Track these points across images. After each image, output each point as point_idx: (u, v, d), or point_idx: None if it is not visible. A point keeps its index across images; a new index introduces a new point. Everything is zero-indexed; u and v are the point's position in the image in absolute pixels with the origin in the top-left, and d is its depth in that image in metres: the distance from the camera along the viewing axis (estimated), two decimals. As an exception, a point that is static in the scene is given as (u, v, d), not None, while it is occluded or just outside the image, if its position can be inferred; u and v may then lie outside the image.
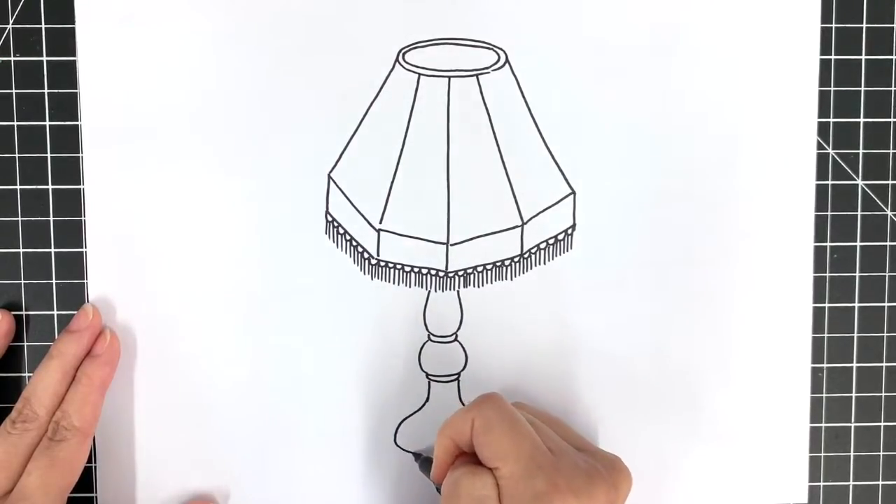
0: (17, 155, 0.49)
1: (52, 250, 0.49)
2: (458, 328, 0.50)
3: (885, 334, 0.51)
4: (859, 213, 0.50)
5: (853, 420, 0.51)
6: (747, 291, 0.50)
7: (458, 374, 0.50)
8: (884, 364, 0.51)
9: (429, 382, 0.50)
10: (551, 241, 0.49)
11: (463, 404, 0.50)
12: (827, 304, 0.51)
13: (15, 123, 0.49)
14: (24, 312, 0.49)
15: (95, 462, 0.49)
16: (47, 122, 0.49)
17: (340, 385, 0.50)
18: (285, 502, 0.50)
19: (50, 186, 0.49)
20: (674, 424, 0.50)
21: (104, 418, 0.48)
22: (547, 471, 0.40)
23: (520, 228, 0.48)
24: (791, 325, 0.50)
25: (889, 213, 0.51)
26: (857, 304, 0.51)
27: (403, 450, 0.50)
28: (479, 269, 0.49)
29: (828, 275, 0.51)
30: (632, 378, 0.50)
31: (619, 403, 0.50)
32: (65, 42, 0.49)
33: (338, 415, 0.50)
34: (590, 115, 0.49)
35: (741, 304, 0.50)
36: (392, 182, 0.48)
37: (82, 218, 0.49)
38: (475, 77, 0.48)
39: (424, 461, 0.48)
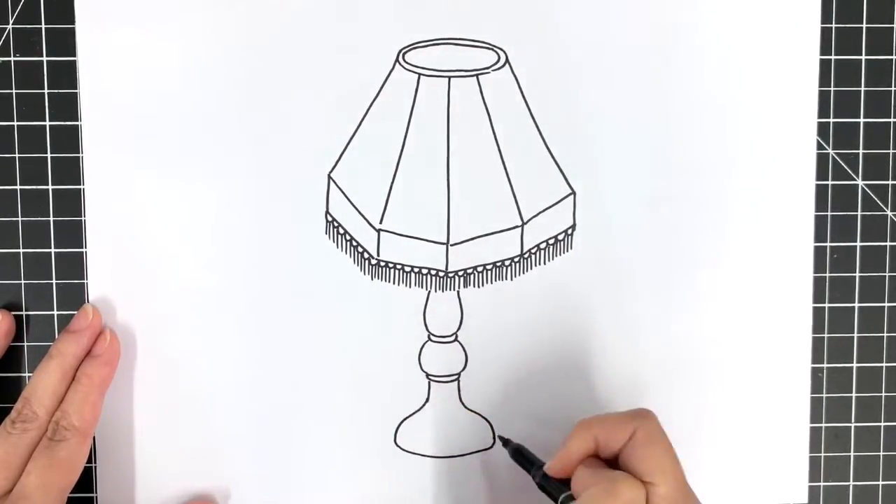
0: (17, 155, 0.49)
1: (52, 250, 0.49)
2: (458, 328, 0.50)
3: (885, 334, 0.51)
4: (859, 213, 0.50)
5: (853, 420, 0.51)
6: (747, 291, 0.50)
7: (458, 374, 0.50)
8: (884, 364, 0.51)
9: (429, 382, 0.50)
10: (551, 241, 0.49)
11: (463, 404, 0.50)
12: (827, 304, 0.51)
13: (15, 123, 0.49)
14: (24, 312, 0.49)
15: (95, 462, 0.49)
16: (47, 122, 0.49)
17: (340, 385, 0.50)
18: (285, 502, 0.50)
19: (50, 186, 0.49)
20: (674, 424, 0.50)
21: (104, 418, 0.48)
22: (693, 499, 0.41)
23: (520, 228, 0.48)
24: (791, 325, 0.50)
25: (889, 213, 0.51)
26: (857, 304, 0.51)
27: (403, 450, 0.50)
28: (479, 269, 0.49)
29: (828, 275, 0.51)
30: (631, 378, 0.50)
31: (618, 403, 0.50)
32: (65, 42, 0.49)
33: (338, 415, 0.50)
34: (590, 115, 0.49)
35: (741, 304, 0.50)
36: (392, 182, 0.48)
37: (82, 218, 0.49)
38: (475, 77, 0.48)
39: (517, 450, 0.47)
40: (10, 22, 0.49)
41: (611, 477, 0.40)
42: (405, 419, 0.50)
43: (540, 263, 0.49)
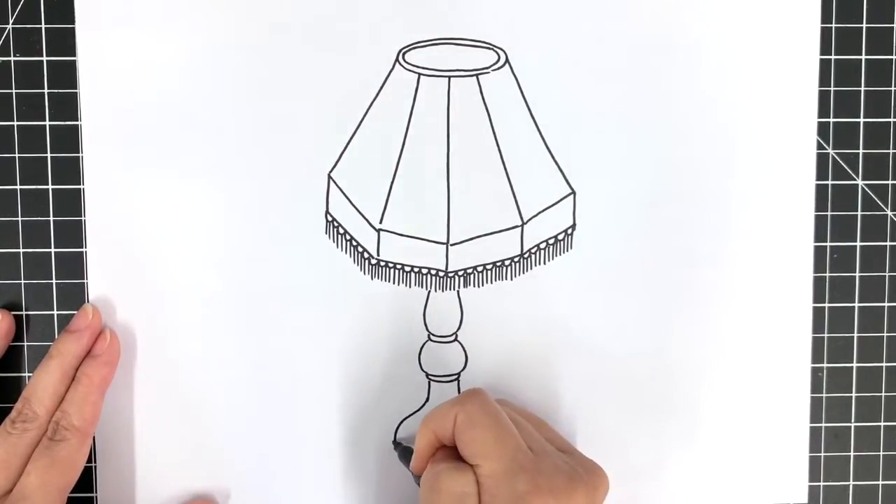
0: (17, 155, 0.49)
1: (52, 250, 0.49)
2: (458, 328, 0.50)
3: (885, 334, 0.51)
4: (859, 213, 0.50)
5: (853, 420, 0.51)
6: (747, 291, 0.50)
7: (458, 374, 0.50)
8: (884, 364, 0.51)
9: (429, 382, 0.50)
10: (551, 241, 0.49)
11: (463, 404, 0.50)
12: (827, 304, 0.51)
13: (15, 123, 0.49)
14: (24, 312, 0.49)
15: (95, 462, 0.49)
16: (47, 122, 0.49)
17: (340, 385, 0.50)
18: (285, 502, 0.50)
19: (50, 186, 0.49)
20: (674, 424, 0.50)
21: (104, 418, 0.48)
22: (528, 471, 0.40)
23: (520, 228, 0.48)
24: (791, 325, 0.50)
25: (889, 213, 0.51)
26: (857, 304, 0.51)
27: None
28: (479, 269, 0.49)
29: (828, 275, 0.51)
30: (631, 378, 0.50)
31: (618, 403, 0.50)
32: (65, 42, 0.49)
33: (338, 415, 0.50)
34: (590, 115, 0.49)
35: (741, 304, 0.50)
36: (392, 182, 0.48)
37: (82, 218, 0.49)
38: (475, 77, 0.48)
39: (404, 451, 0.48)
40: (10, 22, 0.49)
41: (436, 471, 0.41)
42: (405, 419, 0.50)
43: (540, 263, 0.49)
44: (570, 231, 0.49)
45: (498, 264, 0.49)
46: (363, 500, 0.50)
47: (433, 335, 0.49)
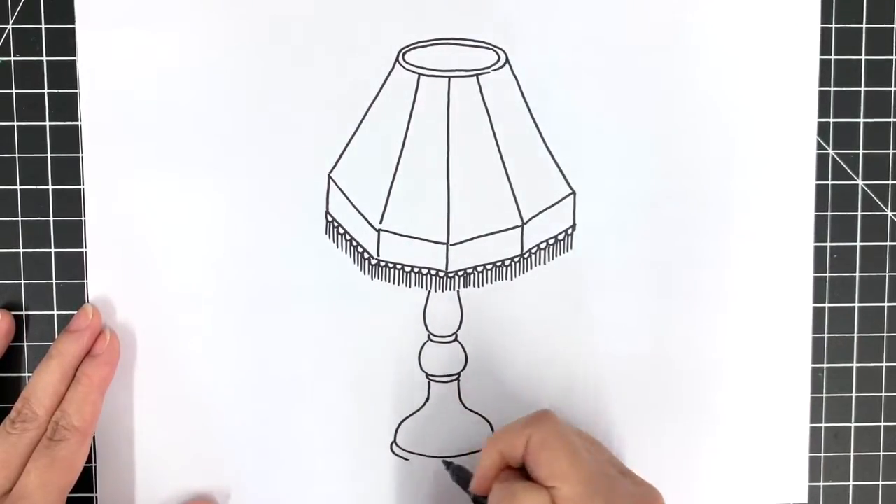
0: (17, 155, 0.49)
1: (52, 250, 0.49)
2: (458, 328, 0.50)
3: (885, 334, 0.51)
4: (859, 213, 0.50)
5: (853, 420, 0.51)
6: (747, 291, 0.50)
7: (458, 374, 0.50)
8: (884, 364, 0.51)
9: (429, 382, 0.50)
10: (551, 241, 0.49)
11: (463, 404, 0.50)
12: (827, 304, 0.51)
13: (15, 123, 0.49)
14: (24, 312, 0.49)
15: (95, 462, 0.49)
16: (47, 122, 0.49)
17: (340, 385, 0.50)
18: (285, 502, 0.50)
19: (50, 186, 0.49)
20: (674, 424, 0.50)
21: (104, 418, 0.48)
22: (603, 495, 0.40)
23: (520, 228, 0.48)
24: (791, 325, 0.50)
25: (889, 213, 0.51)
26: (857, 304, 0.51)
27: (403, 450, 0.50)
28: (479, 269, 0.49)
29: (828, 275, 0.51)
30: (631, 378, 0.50)
31: (619, 403, 0.50)
32: (65, 42, 0.49)
33: (338, 415, 0.50)
34: (590, 115, 0.49)
35: (741, 304, 0.50)
36: (392, 182, 0.48)
37: (82, 218, 0.49)
38: (475, 77, 0.48)
39: (458, 470, 0.47)
40: (10, 22, 0.49)
41: (512, 490, 0.40)
42: (405, 419, 0.50)
43: (540, 263, 0.49)
44: (570, 231, 0.49)
45: (498, 264, 0.49)
46: (363, 500, 0.50)
47: (433, 335, 0.49)
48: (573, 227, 0.50)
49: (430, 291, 0.49)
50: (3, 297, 0.49)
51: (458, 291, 0.49)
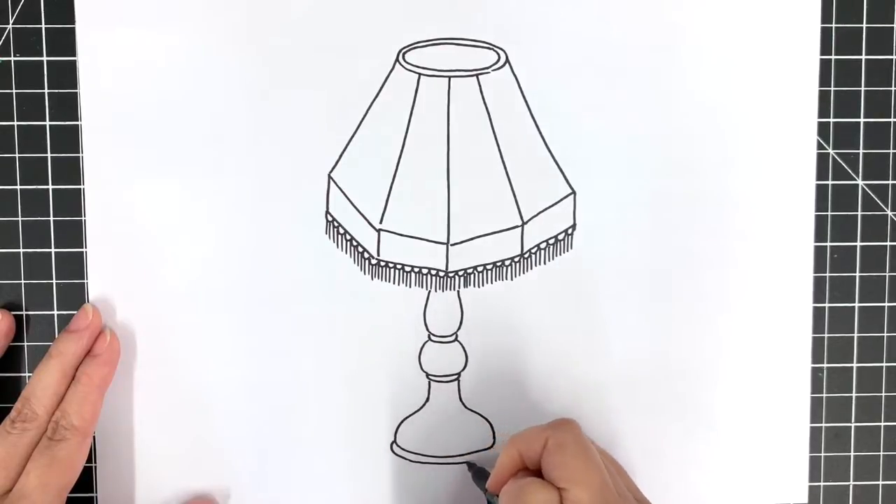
0: (17, 155, 0.49)
1: (52, 250, 0.49)
2: (458, 328, 0.50)
3: (885, 334, 0.51)
4: (859, 213, 0.50)
5: (853, 420, 0.51)
6: (747, 291, 0.50)
7: (458, 374, 0.50)
8: (884, 364, 0.51)
9: (429, 382, 0.50)
10: (551, 241, 0.49)
11: (463, 404, 0.50)
12: (827, 304, 0.51)
13: (15, 123, 0.49)
14: (24, 312, 0.49)
15: (95, 462, 0.49)
16: (47, 122, 0.49)
17: (340, 385, 0.50)
18: (285, 502, 0.50)
19: (50, 186, 0.49)
20: (674, 424, 0.50)
21: (104, 418, 0.48)
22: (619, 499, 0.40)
23: (520, 228, 0.48)
24: (791, 325, 0.50)
25: (889, 213, 0.51)
26: (857, 304, 0.51)
27: (404, 449, 0.50)
28: (479, 269, 0.49)
29: (828, 275, 0.51)
30: (631, 378, 0.50)
31: (619, 403, 0.50)
32: (65, 42, 0.49)
33: (338, 415, 0.50)
34: (590, 115, 0.49)
35: (741, 304, 0.50)
36: (392, 182, 0.48)
37: (82, 218, 0.49)
38: (475, 77, 0.48)
39: (478, 472, 0.47)
40: (10, 22, 0.49)
41: (520, 484, 0.41)
42: (405, 419, 0.50)
43: (540, 263, 0.49)
44: (570, 231, 0.49)
45: (498, 264, 0.49)
46: (363, 500, 0.50)
47: (433, 335, 0.49)
48: (573, 227, 0.50)
49: (430, 291, 0.49)
50: (3, 297, 0.49)
51: (458, 291, 0.49)
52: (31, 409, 0.45)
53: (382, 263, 0.49)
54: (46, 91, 0.49)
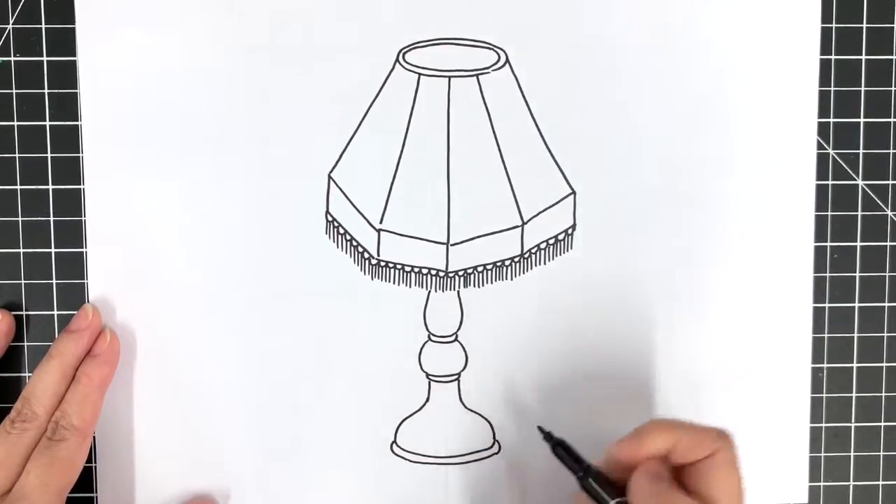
0: (17, 155, 0.49)
1: (52, 250, 0.49)
2: (458, 328, 0.50)
3: (885, 334, 0.51)
4: (859, 213, 0.50)
5: (853, 420, 0.51)
6: (747, 291, 0.50)
7: (458, 374, 0.50)
8: (884, 364, 0.51)
9: (429, 382, 0.50)
10: (551, 241, 0.49)
11: (463, 404, 0.50)
12: (827, 304, 0.51)
13: (15, 123, 0.49)
14: (24, 312, 0.49)
15: (95, 462, 0.49)
16: (47, 122, 0.49)
17: (340, 385, 0.50)
18: (285, 502, 0.50)
19: (50, 186, 0.49)
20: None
21: (104, 418, 0.48)
22: None
23: (520, 228, 0.48)
24: (791, 325, 0.50)
25: (889, 213, 0.51)
26: (857, 304, 0.51)
27: (404, 449, 0.50)
28: (479, 269, 0.49)
29: (828, 275, 0.51)
30: (632, 378, 0.50)
31: (619, 403, 0.50)
32: (65, 42, 0.49)
33: (338, 415, 0.50)
34: (590, 115, 0.49)
35: (741, 304, 0.50)
36: (392, 182, 0.48)
37: (82, 218, 0.49)
38: (475, 77, 0.48)
39: (567, 450, 0.44)
40: (10, 22, 0.49)
41: (672, 501, 0.38)
42: (405, 419, 0.50)
43: (540, 263, 0.49)
44: (570, 231, 0.49)
45: (498, 264, 0.49)
46: (363, 500, 0.50)
47: (433, 335, 0.49)
48: (573, 227, 0.50)
49: (430, 291, 0.49)
50: (3, 297, 0.49)
51: (458, 291, 0.49)
52: (30, 410, 0.45)
53: (382, 263, 0.49)
54: (46, 91, 0.49)
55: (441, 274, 0.49)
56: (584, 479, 0.42)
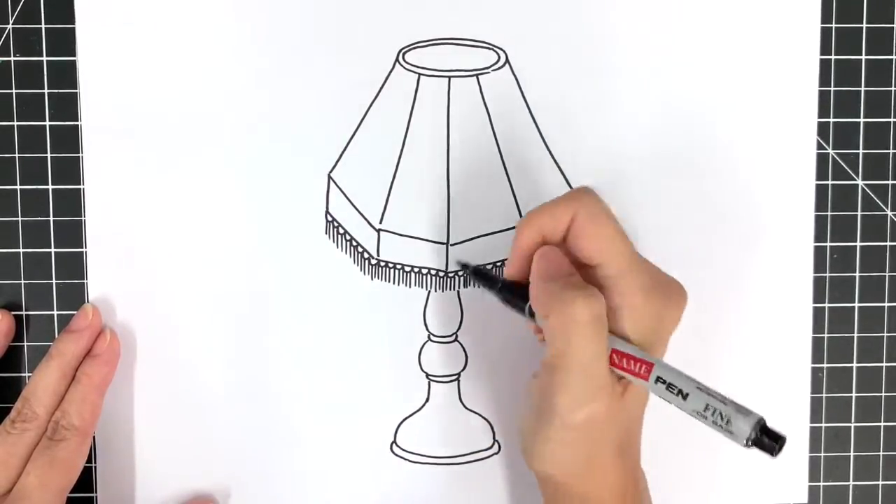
0: (17, 155, 0.49)
1: (52, 250, 0.49)
2: (458, 328, 0.50)
3: (885, 334, 0.51)
4: (859, 213, 0.50)
5: (853, 420, 0.51)
6: (747, 291, 0.50)
7: (458, 374, 0.50)
8: (884, 364, 0.51)
9: (429, 382, 0.50)
10: (551, 241, 0.49)
11: (463, 404, 0.50)
12: (827, 304, 0.51)
13: (15, 123, 0.49)
14: (24, 312, 0.49)
15: (95, 462, 0.49)
16: (47, 122, 0.49)
17: (340, 385, 0.50)
18: (285, 502, 0.50)
19: (50, 186, 0.49)
20: (674, 423, 0.50)
21: (104, 418, 0.48)
22: (646, 274, 0.39)
23: (520, 228, 0.48)
24: (791, 325, 0.50)
25: (889, 213, 0.51)
26: (857, 304, 0.51)
27: (403, 450, 0.50)
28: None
29: (828, 275, 0.51)
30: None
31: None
32: (65, 42, 0.49)
33: (338, 414, 0.50)
34: (590, 115, 0.49)
35: (741, 304, 0.50)
36: (392, 182, 0.48)
37: (82, 218, 0.49)
38: (475, 77, 0.48)
39: (476, 272, 0.45)
40: (10, 22, 0.49)
41: (564, 300, 0.38)
42: (405, 419, 0.50)
43: (540, 263, 0.49)
44: (570, 231, 0.49)
45: (498, 264, 0.49)
46: (363, 500, 0.50)
47: (433, 335, 0.49)
48: (573, 227, 0.49)
49: (430, 291, 0.49)
50: (3, 297, 0.49)
51: (458, 291, 0.49)
52: (30, 410, 0.45)
53: (382, 263, 0.49)
54: (46, 91, 0.49)
55: (441, 274, 0.49)
56: (500, 293, 0.44)
